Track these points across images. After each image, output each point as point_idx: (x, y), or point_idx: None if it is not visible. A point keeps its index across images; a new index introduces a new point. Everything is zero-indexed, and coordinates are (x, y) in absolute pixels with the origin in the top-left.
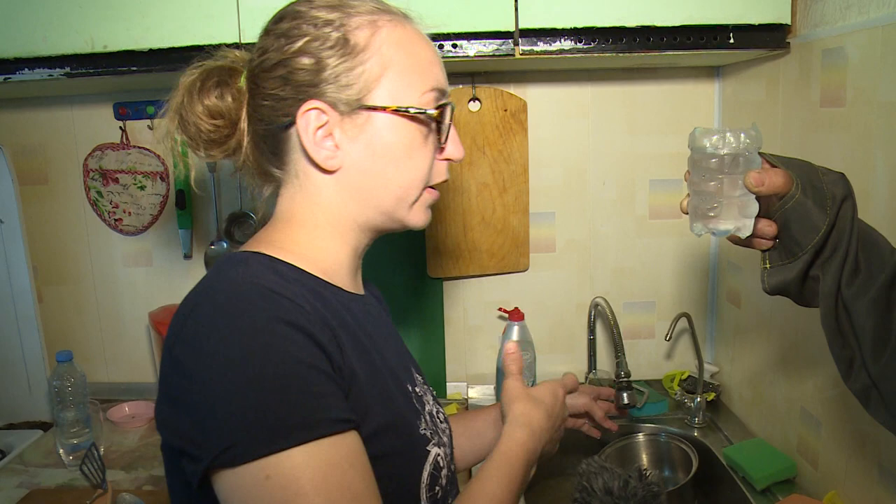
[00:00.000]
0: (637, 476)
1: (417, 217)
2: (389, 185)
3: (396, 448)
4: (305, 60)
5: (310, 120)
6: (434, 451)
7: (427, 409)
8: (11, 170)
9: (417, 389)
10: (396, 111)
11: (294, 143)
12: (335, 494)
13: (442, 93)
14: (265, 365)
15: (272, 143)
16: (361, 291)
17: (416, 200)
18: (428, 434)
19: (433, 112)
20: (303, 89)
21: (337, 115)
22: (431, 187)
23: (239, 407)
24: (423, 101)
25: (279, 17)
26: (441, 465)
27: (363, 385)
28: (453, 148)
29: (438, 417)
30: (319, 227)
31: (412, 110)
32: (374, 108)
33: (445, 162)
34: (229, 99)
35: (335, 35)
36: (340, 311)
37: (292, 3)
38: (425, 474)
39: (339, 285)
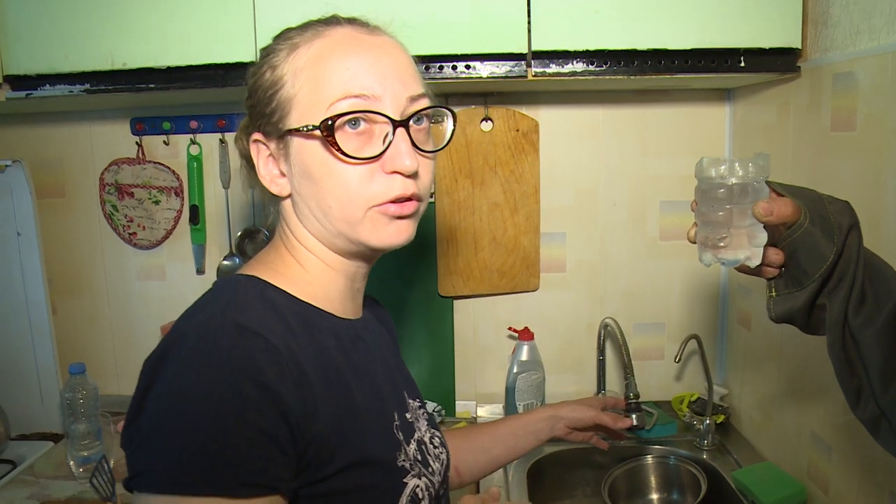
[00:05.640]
0: None
1: (378, 237)
2: (323, 206)
3: (367, 483)
4: (250, 99)
5: (256, 151)
6: (412, 482)
7: (416, 436)
8: (30, 183)
9: (408, 415)
10: (297, 131)
11: None
12: None
13: (367, 100)
14: (203, 410)
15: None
16: (358, 314)
17: (361, 219)
18: (407, 465)
19: (318, 123)
20: (253, 122)
21: (273, 143)
22: (408, 201)
23: (165, 441)
24: (333, 111)
25: None
26: (420, 496)
27: (331, 426)
28: (392, 160)
29: (432, 443)
30: (299, 251)
31: (304, 128)
32: (290, 132)
33: (395, 175)
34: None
35: (266, 66)
36: (326, 342)
37: None
38: None
39: (330, 311)
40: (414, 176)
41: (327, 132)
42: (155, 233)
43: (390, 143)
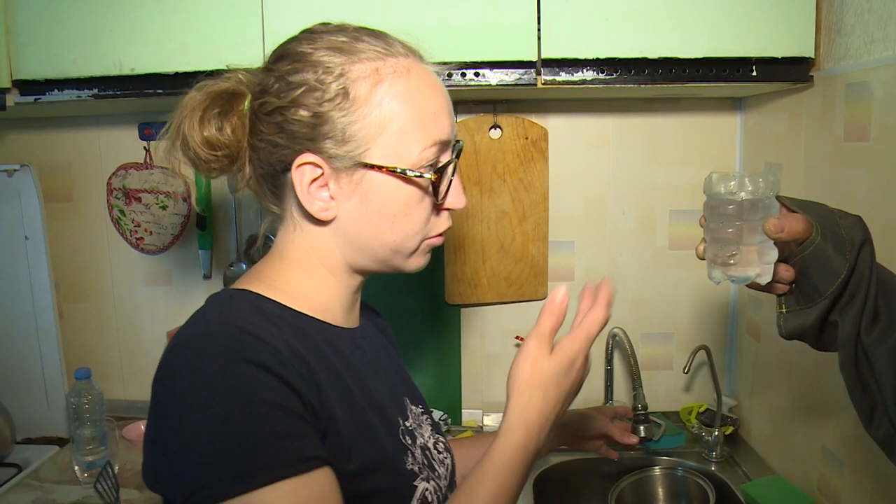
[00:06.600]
0: None
1: (415, 264)
2: (383, 238)
3: (380, 486)
4: (303, 112)
5: (304, 173)
6: (422, 486)
7: (420, 442)
8: (38, 187)
9: (409, 423)
10: (392, 172)
11: (290, 188)
12: None
13: (446, 144)
14: (232, 407)
15: (271, 182)
16: (355, 324)
17: (413, 252)
18: (416, 469)
19: (430, 176)
20: (299, 141)
21: (332, 168)
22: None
23: (207, 449)
24: (424, 157)
25: (280, 56)
26: (430, 499)
27: (342, 425)
28: (454, 199)
29: (436, 449)
30: (313, 268)
31: (409, 172)
32: (371, 167)
33: (447, 211)
34: (229, 131)
35: (335, 87)
36: (323, 349)
37: (294, 40)
38: None
39: (328, 321)
40: None
41: (436, 179)
42: (162, 238)
43: (450, 183)
